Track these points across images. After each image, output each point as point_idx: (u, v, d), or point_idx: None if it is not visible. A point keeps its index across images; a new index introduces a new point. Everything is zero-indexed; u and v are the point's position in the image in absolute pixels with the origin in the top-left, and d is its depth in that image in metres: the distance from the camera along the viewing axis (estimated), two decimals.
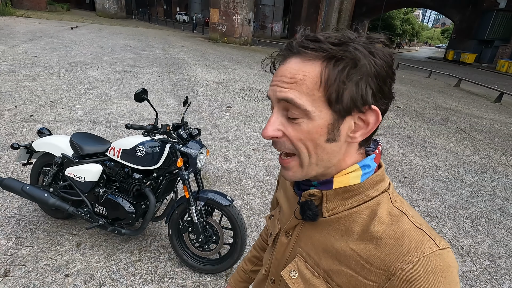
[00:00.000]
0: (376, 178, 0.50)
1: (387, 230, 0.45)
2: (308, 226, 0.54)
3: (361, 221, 0.48)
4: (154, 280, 1.86)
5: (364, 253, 0.45)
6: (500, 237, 2.70)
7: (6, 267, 1.82)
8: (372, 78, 0.42)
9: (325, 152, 0.47)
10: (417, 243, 0.42)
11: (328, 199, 0.50)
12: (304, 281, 0.52)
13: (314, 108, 0.44)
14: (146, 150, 1.78)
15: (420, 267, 0.41)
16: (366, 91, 0.43)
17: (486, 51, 26.44)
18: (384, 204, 0.48)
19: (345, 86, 0.42)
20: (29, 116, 4.07)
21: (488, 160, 4.46)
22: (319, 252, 0.51)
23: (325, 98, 0.43)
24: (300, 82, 0.43)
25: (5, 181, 1.99)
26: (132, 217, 1.89)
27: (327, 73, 0.42)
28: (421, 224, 0.46)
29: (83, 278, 1.81)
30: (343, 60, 0.42)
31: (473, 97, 9.89)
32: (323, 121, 0.44)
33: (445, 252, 0.42)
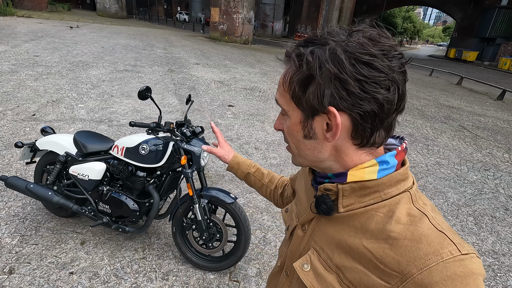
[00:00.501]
0: (398, 176, 0.48)
1: (405, 230, 0.43)
2: (323, 221, 0.55)
3: (377, 219, 0.47)
4: (158, 277, 1.86)
5: (377, 253, 0.44)
6: (504, 234, 2.69)
7: (11, 264, 1.83)
8: (329, 81, 0.43)
9: (306, 147, 0.51)
10: (436, 246, 0.41)
11: (344, 194, 0.50)
12: (316, 275, 0.52)
13: (288, 107, 0.50)
14: (150, 148, 1.78)
15: (437, 272, 0.39)
16: (322, 93, 0.44)
17: (488, 49, 26.32)
18: (404, 203, 0.47)
19: (301, 89, 0.46)
20: (32, 116, 4.08)
21: (491, 158, 4.45)
22: (332, 247, 0.51)
23: (291, 98, 0.49)
24: (280, 84, 0.51)
25: (9, 180, 2.00)
26: (136, 215, 1.90)
27: (288, 79, 0.48)
28: (443, 227, 0.43)
29: (87, 275, 1.82)
30: (301, 66, 0.45)
31: (475, 95, 9.86)
32: (296, 119, 0.50)
33: (467, 258, 0.40)
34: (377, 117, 0.44)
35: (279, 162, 3.58)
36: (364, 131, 0.46)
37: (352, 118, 0.45)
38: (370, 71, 0.42)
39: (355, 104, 0.43)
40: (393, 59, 0.43)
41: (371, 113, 0.44)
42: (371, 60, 0.42)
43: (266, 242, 2.27)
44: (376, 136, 0.47)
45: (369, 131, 0.46)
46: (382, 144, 0.49)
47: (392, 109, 0.45)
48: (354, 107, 0.44)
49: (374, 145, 0.48)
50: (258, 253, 2.16)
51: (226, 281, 1.89)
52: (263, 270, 2.01)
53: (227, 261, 1.89)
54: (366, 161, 0.49)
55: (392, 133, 0.50)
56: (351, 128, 0.46)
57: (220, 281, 1.89)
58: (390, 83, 0.43)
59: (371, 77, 0.42)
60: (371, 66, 0.42)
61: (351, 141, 0.47)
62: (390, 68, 0.43)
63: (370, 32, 0.44)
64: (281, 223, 2.50)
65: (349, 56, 0.42)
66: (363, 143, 0.47)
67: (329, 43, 0.44)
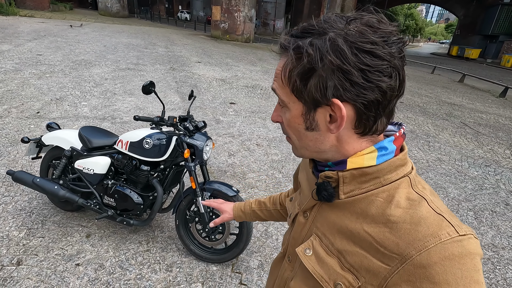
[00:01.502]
0: (397, 162, 0.49)
1: (404, 214, 0.44)
2: (325, 207, 0.55)
3: (377, 204, 0.47)
4: (162, 269, 1.90)
5: (378, 236, 0.45)
6: (504, 228, 2.71)
7: (19, 256, 1.88)
8: (331, 72, 0.43)
9: (308, 139, 0.51)
10: (435, 228, 0.41)
11: (345, 181, 0.50)
12: (318, 259, 0.53)
13: (288, 99, 0.50)
14: (153, 142, 1.82)
15: (435, 253, 0.40)
16: (325, 85, 0.43)
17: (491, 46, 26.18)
18: (403, 188, 0.47)
19: (302, 82, 0.45)
20: (36, 113, 4.13)
21: (492, 154, 4.46)
22: (334, 233, 0.52)
23: (291, 89, 0.48)
24: (278, 76, 0.50)
25: (16, 174, 2.04)
26: (140, 208, 1.94)
27: (288, 70, 0.47)
28: (442, 210, 0.44)
29: (93, 267, 1.86)
30: (301, 59, 0.44)
31: (477, 92, 9.83)
32: (297, 111, 0.49)
33: (465, 239, 0.41)
34: (380, 105, 0.45)
35: (281, 158, 3.62)
36: (367, 120, 0.46)
37: (356, 108, 0.45)
38: (373, 60, 0.42)
39: (359, 94, 0.43)
40: (393, 45, 0.43)
41: (375, 102, 0.44)
42: (373, 49, 0.41)
43: (268, 236, 2.31)
44: (379, 123, 0.47)
45: (373, 119, 0.46)
46: (384, 131, 0.50)
47: (394, 95, 0.45)
48: (358, 97, 0.43)
49: (375, 132, 0.48)
50: (260, 246, 2.19)
51: (229, 273, 1.93)
52: (264, 262, 2.05)
53: (229, 253, 1.93)
54: (368, 147, 0.49)
55: (392, 119, 0.50)
56: (354, 118, 0.46)
57: (222, 272, 1.93)
58: (392, 70, 0.43)
59: (374, 66, 0.42)
60: (373, 55, 0.42)
61: (353, 130, 0.47)
62: (391, 55, 0.42)
63: (367, 19, 0.44)
64: None
65: (351, 46, 0.42)
66: (365, 131, 0.47)
67: (328, 33, 0.43)
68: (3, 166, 2.80)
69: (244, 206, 0.97)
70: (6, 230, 2.07)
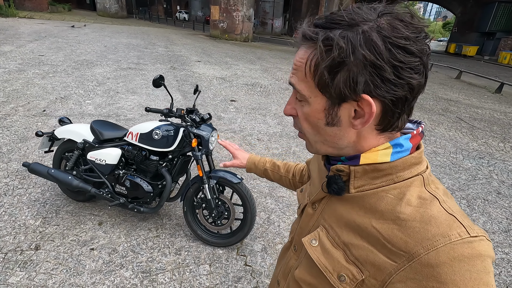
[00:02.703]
0: (411, 160, 0.48)
1: (414, 212, 0.44)
2: (334, 200, 0.56)
3: (387, 201, 0.47)
4: (172, 252, 2.02)
5: (386, 232, 0.45)
6: (495, 215, 2.84)
7: (37, 242, 2.00)
8: (363, 67, 0.41)
9: (328, 134, 0.50)
10: (445, 228, 0.41)
11: (356, 176, 0.50)
12: (323, 250, 0.53)
13: (310, 93, 0.47)
14: (162, 133, 1.94)
15: (444, 253, 0.39)
16: (355, 80, 0.42)
17: (488, 43, 26.32)
18: (416, 186, 0.47)
19: (330, 76, 0.43)
20: (42, 111, 4.24)
21: (486, 147, 4.59)
22: (341, 226, 0.52)
23: (316, 83, 0.46)
24: (299, 69, 0.47)
25: (32, 166, 2.16)
26: (150, 196, 2.06)
27: (314, 63, 0.45)
28: (454, 211, 0.43)
29: (107, 251, 1.98)
30: (330, 52, 0.42)
31: (473, 89, 9.96)
32: (319, 106, 0.48)
33: (476, 240, 0.40)
34: (406, 102, 0.44)
35: (281, 152, 3.74)
36: (392, 117, 0.45)
37: (384, 104, 0.44)
38: (406, 56, 0.40)
39: (389, 91, 0.42)
40: (423, 41, 0.42)
41: (403, 99, 0.43)
42: (407, 44, 0.40)
43: (270, 223, 2.43)
44: (400, 120, 0.47)
45: (397, 116, 0.45)
46: (403, 127, 0.49)
47: (420, 92, 0.45)
48: (388, 94, 0.42)
49: (395, 129, 0.48)
50: (263, 232, 2.32)
51: (234, 255, 2.05)
52: (267, 246, 2.17)
53: (234, 237, 2.05)
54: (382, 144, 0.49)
55: (411, 116, 0.49)
56: (380, 114, 0.45)
57: (228, 255, 2.05)
58: (422, 67, 0.42)
59: (407, 62, 0.41)
60: (407, 51, 0.40)
61: (374, 126, 0.47)
62: (423, 52, 0.41)
63: (399, 13, 0.43)
64: (283, 206, 2.66)
65: (385, 41, 0.40)
66: (387, 128, 0.47)
67: (360, 25, 0.41)
68: (15, 161, 2.92)
69: (258, 161, 1.01)
70: (23, 219, 2.19)
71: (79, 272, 1.81)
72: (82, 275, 1.80)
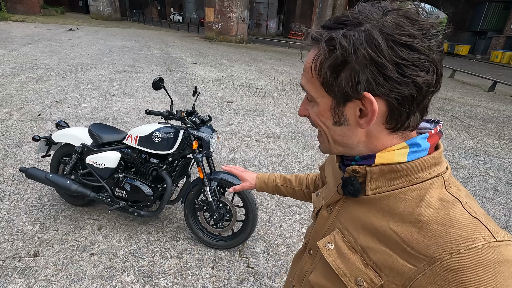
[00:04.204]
0: (431, 160, 0.46)
1: (435, 215, 0.42)
2: (350, 203, 0.54)
3: (406, 203, 0.45)
4: (173, 256, 2.01)
5: (405, 236, 0.43)
6: (493, 212, 2.87)
7: (35, 248, 1.96)
8: (364, 66, 0.41)
9: (337, 134, 0.50)
10: (469, 232, 0.39)
11: (372, 177, 0.49)
12: (340, 254, 0.52)
13: (317, 94, 0.48)
14: (162, 136, 1.92)
15: (468, 258, 0.37)
16: (357, 79, 0.42)
17: (480, 42, 26.70)
18: (436, 188, 0.45)
19: (333, 75, 0.44)
20: (37, 116, 4.19)
21: (482, 145, 4.64)
22: (358, 229, 0.51)
23: (321, 84, 0.47)
24: (307, 70, 0.48)
25: (29, 171, 2.13)
26: (150, 199, 2.04)
27: (319, 63, 0.45)
28: (478, 213, 0.42)
29: (107, 256, 1.96)
30: (333, 51, 0.43)
31: (467, 87, 10.09)
32: (325, 106, 0.48)
33: (502, 245, 0.38)
34: (414, 101, 0.43)
35: (280, 153, 3.74)
36: (400, 116, 0.44)
37: (388, 103, 0.43)
38: (410, 54, 0.40)
39: (392, 89, 0.41)
40: (432, 38, 0.41)
41: (409, 97, 0.42)
42: (411, 42, 0.40)
43: (271, 224, 2.42)
44: (411, 119, 0.45)
45: (405, 115, 0.44)
46: (417, 127, 0.48)
47: (430, 91, 0.43)
48: (392, 92, 0.42)
49: (408, 128, 0.46)
50: (264, 233, 2.31)
51: (236, 258, 2.04)
52: (269, 248, 2.17)
53: (236, 239, 2.04)
54: (398, 143, 0.48)
55: (426, 115, 0.48)
56: (386, 113, 0.44)
57: (230, 257, 2.04)
58: (429, 65, 0.41)
59: (411, 60, 0.40)
60: (411, 48, 0.40)
61: (383, 126, 0.46)
62: (430, 49, 0.40)
63: (405, 10, 0.42)
64: (284, 207, 2.65)
65: (387, 38, 0.40)
66: (397, 127, 0.46)
67: (363, 24, 0.42)
68: (10, 166, 2.87)
69: (268, 179, 0.98)
70: (20, 225, 2.15)
71: (80, 278, 1.79)
72: (82, 281, 1.77)
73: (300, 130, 4.59)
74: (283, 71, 9.82)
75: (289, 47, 19.70)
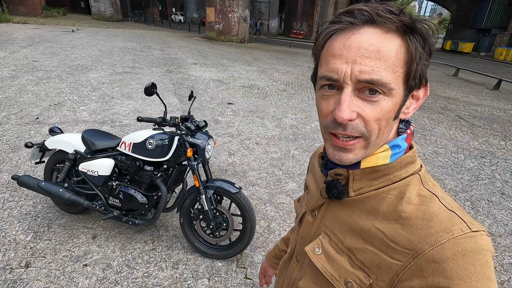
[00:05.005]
0: (407, 159, 0.49)
1: (416, 210, 0.44)
2: (334, 205, 0.55)
3: (388, 201, 0.47)
4: (169, 266, 1.94)
5: (389, 232, 0.45)
6: (500, 217, 2.77)
7: (27, 259, 1.91)
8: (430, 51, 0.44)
9: (388, 129, 0.47)
10: (447, 224, 0.41)
11: (354, 178, 0.50)
12: (328, 258, 0.53)
13: (396, 86, 0.43)
14: (156, 142, 1.86)
15: (448, 248, 0.39)
16: (427, 66, 0.45)
17: (484, 39, 26.41)
18: (414, 185, 0.47)
19: (422, 62, 0.43)
20: (35, 119, 4.15)
21: (487, 146, 4.54)
22: (343, 230, 0.51)
23: (404, 74, 0.43)
24: (385, 57, 0.41)
25: (21, 179, 2.07)
26: (145, 208, 1.97)
27: (410, 49, 0.42)
28: (453, 207, 0.44)
29: (101, 267, 1.90)
30: (416, 34, 0.43)
31: (471, 86, 9.94)
32: (399, 98, 0.45)
33: (477, 235, 0.41)
34: None
35: (280, 156, 3.66)
36: None
37: None
38: None
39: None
40: None
41: None
42: None
43: (271, 231, 2.35)
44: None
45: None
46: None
47: None
48: None
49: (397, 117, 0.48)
50: (263, 241, 2.24)
51: (234, 268, 1.97)
52: None
53: (234, 248, 1.97)
54: (393, 138, 0.50)
55: None
56: None
57: (228, 268, 1.97)
58: None
59: None
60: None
61: None
62: None
63: None
64: (284, 213, 2.58)
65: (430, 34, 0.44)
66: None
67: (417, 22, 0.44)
68: (5, 172, 2.83)
69: (274, 251, 0.96)
70: (13, 234, 2.10)
71: None
72: None
73: (301, 132, 4.51)
74: (284, 71, 9.74)
75: (290, 46, 19.58)
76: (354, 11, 0.43)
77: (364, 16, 0.42)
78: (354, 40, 0.42)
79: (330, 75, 0.44)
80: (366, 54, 0.41)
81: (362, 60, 0.41)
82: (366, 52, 0.41)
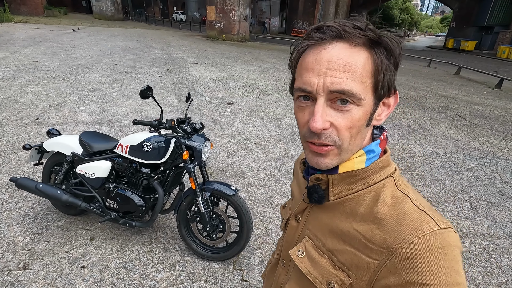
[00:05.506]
0: (381, 163, 0.52)
1: (390, 211, 0.47)
2: (316, 210, 0.57)
3: (365, 204, 0.50)
4: (166, 268, 1.95)
5: (366, 233, 0.47)
6: (499, 218, 2.76)
7: (25, 261, 1.92)
8: (394, 67, 0.47)
9: (360, 137, 0.50)
10: (418, 223, 0.44)
11: (334, 183, 0.53)
12: (311, 260, 0.55)
13: (365, 95, 0.46)
14: (153, 145, 1.86)
15: (419, 245, 0.42)
16: (394, 75, 0.47)
17: (486, 37, 26.20)
18: (389, 187, 0.50)
19: (389, 73, 0.46)
20: (35, 120, 4.17)
21: (488, 146, 4.51)
22: (325, 233, 0.54)
23: (372, 84, 0.46)
24: (354, 70, 0.44)
25: (19, 181, 2.08)
26: (142, 210, 1.98)
27: (375, 60, 0.46)
28: (424, 207, 0.47)
29: (98, 269, 1.91)
30: (381, 46, 0.46)
31: (473, 84, 9.88)
32: (369, 107, 0.47)
33: (445, 232, 0.43)
34: None
35: (279, 157, 3.66)
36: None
37: None
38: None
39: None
40: None
41: None
42: None
43: (268, 233, 2.36)
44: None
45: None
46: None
47: None
48: None
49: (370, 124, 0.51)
50: (261, 243, 2.24)
51: (231, 270, 1.98)
52: (265, 259, 2.10)
53: (230, 251, 1.97)
54: (368, 144, 0.53)
55: None
56: None
57: (224, 270, 1.98)
58: None
59: None
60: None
61: None
62: None
63: None
64: None
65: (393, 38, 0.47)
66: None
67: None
68: (5, 173, 2.84)
69: None
70: (12, 236, 2.12)
71: None
72: None
73: None
74: (285, 70, 9.71)
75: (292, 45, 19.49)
76: (324, 27, 0.46)
77: (332, 32, 0.45)
78: (324, 54, 0.45)
79: (304, 87, 0.47)
80: (335, 67, 0.44)
81: (332, 73, 0.44)
82: (335, 65, 0.44)
